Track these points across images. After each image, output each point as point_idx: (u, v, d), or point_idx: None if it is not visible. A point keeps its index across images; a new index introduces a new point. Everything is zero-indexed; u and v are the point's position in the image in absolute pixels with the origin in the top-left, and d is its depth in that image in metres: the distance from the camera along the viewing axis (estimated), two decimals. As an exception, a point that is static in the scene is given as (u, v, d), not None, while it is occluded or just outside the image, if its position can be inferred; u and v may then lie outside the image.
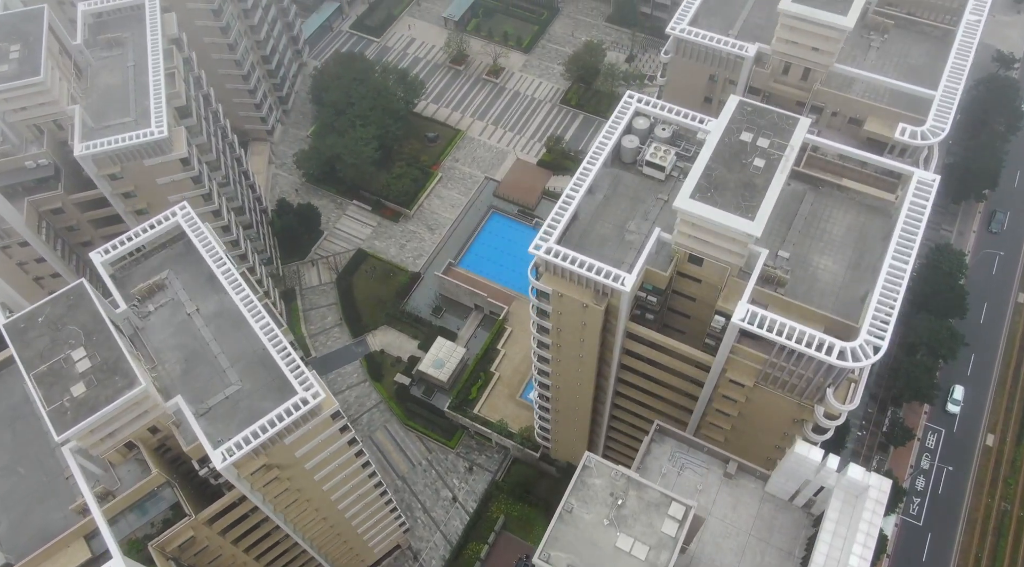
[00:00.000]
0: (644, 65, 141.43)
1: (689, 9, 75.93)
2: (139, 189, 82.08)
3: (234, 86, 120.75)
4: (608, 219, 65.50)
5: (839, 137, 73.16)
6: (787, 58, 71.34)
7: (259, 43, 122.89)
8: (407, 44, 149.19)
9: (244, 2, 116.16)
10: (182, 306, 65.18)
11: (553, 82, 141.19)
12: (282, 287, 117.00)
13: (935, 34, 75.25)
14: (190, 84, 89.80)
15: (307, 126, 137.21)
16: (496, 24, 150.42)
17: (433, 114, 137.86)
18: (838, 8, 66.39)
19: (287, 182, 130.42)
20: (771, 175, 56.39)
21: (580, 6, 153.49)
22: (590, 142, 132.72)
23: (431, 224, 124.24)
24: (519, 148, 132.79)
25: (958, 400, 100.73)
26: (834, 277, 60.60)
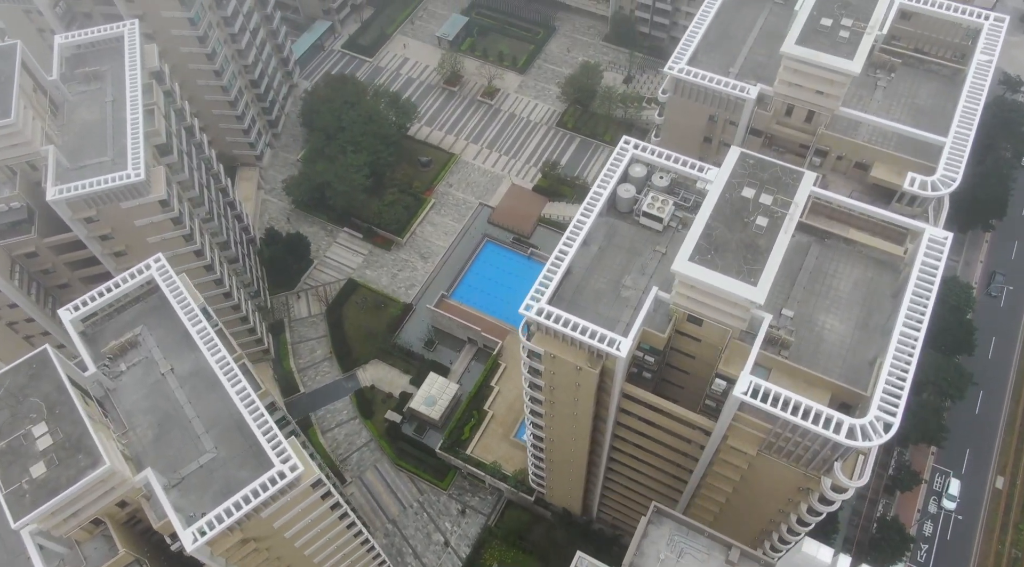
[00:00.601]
0: (642, 86, 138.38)
1: (688, 47, 72.79)
2: (116, 232, 78.96)
3: (221, 112, 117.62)
4: (603, 273, 62.38)
5: (845, 182, 70.13)
6: (790, 100, 68.26)
7: (247, 67, 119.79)
8: (400, 64, 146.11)
9: (231, 27, 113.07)
10: (156, 365, 62.05)
11: (549, 104, 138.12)
12: (270, 319, 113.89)
13: (944, 73, 72.15)
14: (171, 119, 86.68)
15: (297, 149, 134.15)
16: (491, 43, 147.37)
17: (426, 137, 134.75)
18: (844, 52, 63.31)
19: (276, 208, 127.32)
20: (774, 236, 53.27)
21: (577, 25, 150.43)
22: (586, 167, 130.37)
23: (424, 252, 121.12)
24: (514, 172, 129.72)
25: (954, 495, 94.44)
26: (841, 338, 57.49)
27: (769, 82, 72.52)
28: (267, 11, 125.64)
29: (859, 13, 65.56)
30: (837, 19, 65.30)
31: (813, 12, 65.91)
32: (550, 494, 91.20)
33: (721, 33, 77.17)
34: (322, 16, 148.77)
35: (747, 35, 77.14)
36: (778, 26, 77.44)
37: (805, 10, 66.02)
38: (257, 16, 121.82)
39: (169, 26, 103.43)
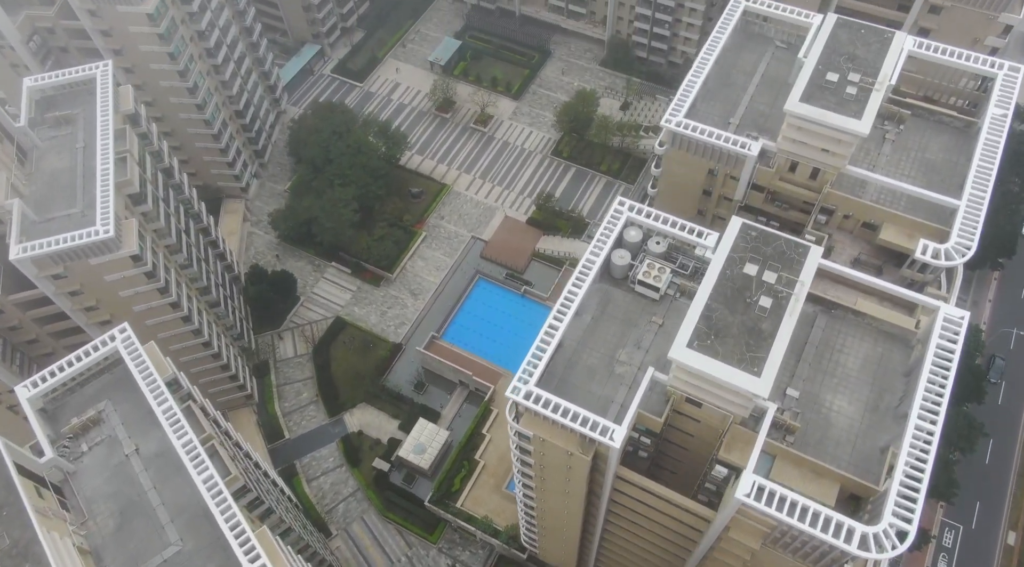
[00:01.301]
0: (639, 113, 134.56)
1: (686, 97, 69.02)
2: (86, 287, 75.20)
3: (204, 145, 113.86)
4: (596, 346, 58.67)
5: (852, 242, 66.42)
6: (794, 157, 64.56)
7: (231, 98, 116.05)
8: (391, 89, 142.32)
9: (214, 58, 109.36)
10: (120, 445, 58.25)
11: (544, 131, 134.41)
12: (255, 360, 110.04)
13: (956, 125, 68.46)
14: (146, 164, 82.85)
15: (285, 179, 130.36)
16: (485, 68, 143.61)
17: (418, 166, 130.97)
18: (851, 110, 59.62)
19: (263, 242, 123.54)
20: (779, 320, 49.57)
21: (573, 48, 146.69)
22: (582, 198, 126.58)
23: (414, 289, 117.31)
24: (507, 204, 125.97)
25: None
26: (850, 422, 53.78)
27: (772, 134, 68.94)
28: (252, 39, 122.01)
29: (867, 67, 61.89)
30: (844, 74, 61.62)
31: (818, 66, 62.23)
32: (543, 553, 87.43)
33: (721, 80, 73.46)
34: (311, 40, 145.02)
35: (748, 82, 73.45)
36: (780, 72, 73.98)
37: (810, 64, 62.34)
38: (242, 45, 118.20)
39: (148, 60, 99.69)
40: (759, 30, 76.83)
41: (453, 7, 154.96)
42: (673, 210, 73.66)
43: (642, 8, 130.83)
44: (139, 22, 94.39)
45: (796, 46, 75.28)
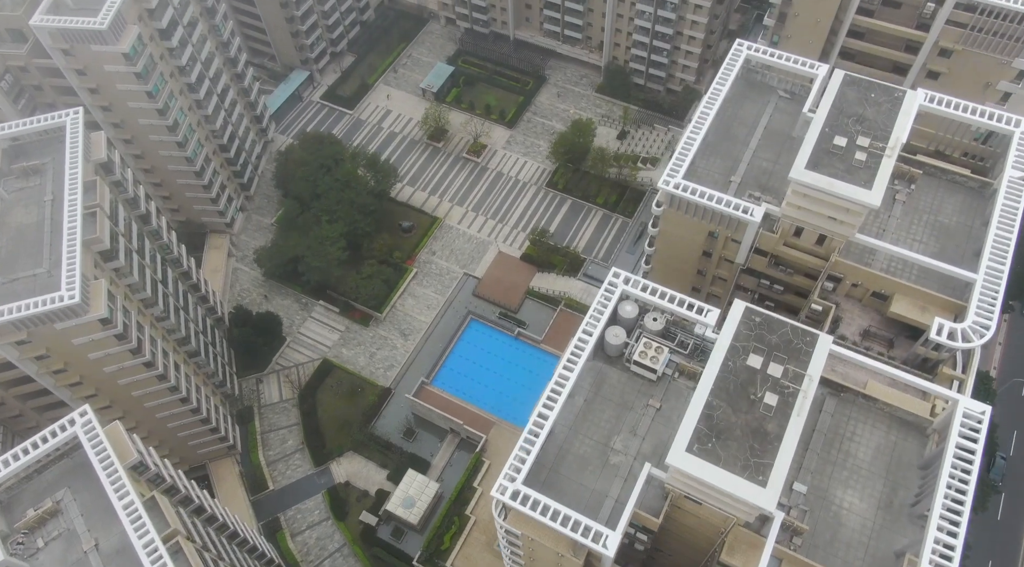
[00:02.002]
0: (637, 143, 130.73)
1: (685, 157, 65.26)
2: (53, 352, 71.31)
3: (186, 181, 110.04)
4: (589, 433, 54.90)
5: (861, 312, 62.66)
6: (800, 223, 60.87)
7: (215, 132, 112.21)
8: (382, 117, 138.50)
9: (196, 93, 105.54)
10: (78, 540, 54.43)
11: (539, 161, 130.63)
12: (238, 406, 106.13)
13: (970, 185, 64.78)
14: (118, 217, 78.94)
15: (272, 211, 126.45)
16: (478, 94, 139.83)
17: (409, 198, 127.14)
18: (861, 178, 55.90)
19: (248, 278, 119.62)
20: (786, 420, 45.83)
21: (569, 74, 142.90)
22: (577, 233, 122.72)
23: (404, 329, 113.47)
24: (501, 238, 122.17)
25: None
26: (862, 522, 50.04)
27: (776, 194, 65.32)
28: (237, 69, 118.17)
29: (876, 130, 58.18)
30: (852, 137, 57.91)
31: (825, 129, 58.52)
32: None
33: (722, 132, 69.74)
34: (300, 65, 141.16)
35: (750, 135, 69.73)
36: (784, 125, 70.29)
37: (816, 126, 58.62)
38: (226, 76, 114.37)
39: (126, 98, 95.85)
40: (761, 79, 73.15)
41: (446, 31, 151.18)
42: (671, 270, 70.27)
43: (639, 36, 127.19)
44: (115, 61, 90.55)
45: (800, 96, 71.70)
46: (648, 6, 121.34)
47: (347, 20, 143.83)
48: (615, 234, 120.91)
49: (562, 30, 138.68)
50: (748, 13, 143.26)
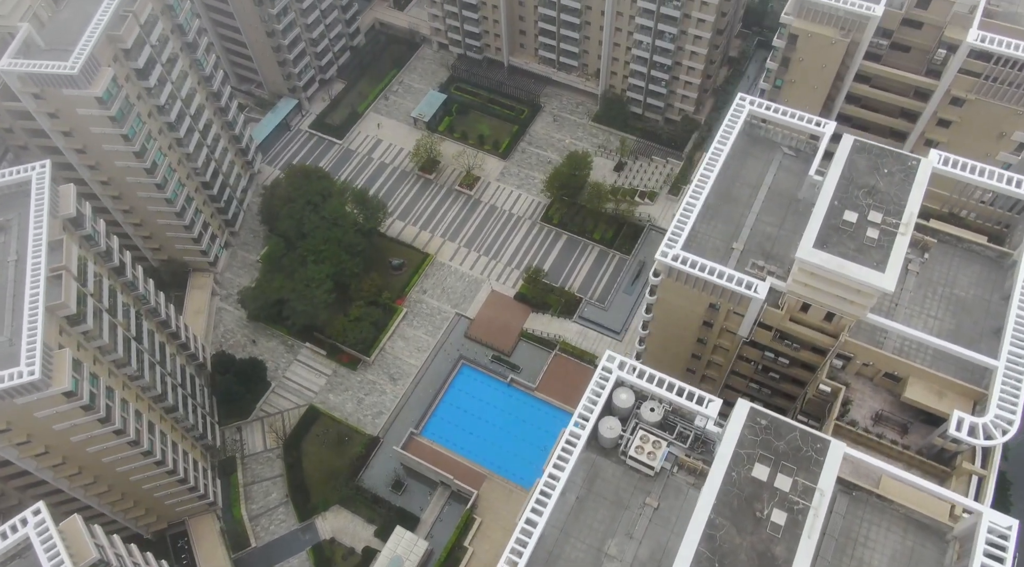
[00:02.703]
0: (634, 175, 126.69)
1: (684, 225, 61.30)
2: (14, 424, 67.33)
3: (167, 222, 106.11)
4: (581, 535, 50.93)
5: (872, 393, 58.78)
6: (807, 300, 57.00)
7: (197, 170, 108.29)
8: (372, 146, 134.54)
9: (176, 132, 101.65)
10: (31, 653, 50.54)
11: (533, 195, 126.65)
12: (221, 456, 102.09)
13: (987, 254, 60.96)
14: (87, 276, 74.90)
15: (258, 247, 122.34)
16: (471, 124, 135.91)
17: (399, 233, 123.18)
18: (873, 259, 52.06)
19: (233, 319, 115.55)
20: (795, 542, 41.97)
21: (564, 102, 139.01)
22: (573, 270, 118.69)
23: (393, 373, 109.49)
24: (494, 276, 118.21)
25: None
26: (878, 643, 46.21)
27: (780, 262, 61.50)
28: (220, 103, 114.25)
29: (889, 204, 54.36)
30: (863, 212, 54.09)
31: (834, 201, 54.70)
32: None
33: (724, 193, 65.85)
34: (288, 94, 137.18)
35: (753, 197, 65.87)
36: (789, 185, 66.42)
37: (824, 199, 54.77)
38: (208, 112, 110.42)
39: (101, 141, 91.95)
40: (764, 134, 69.29)
41: (438, 56, 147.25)
42: (671, 337, 66.53)
43: (637, 65, 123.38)
44: (88, 105, 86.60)
45: (806, 153, 67.92)
46: (646, 36, 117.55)
47: (336, 46, 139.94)
48: (612, 272, 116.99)
49: (557, 57, 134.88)
50: (749, 39, 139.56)
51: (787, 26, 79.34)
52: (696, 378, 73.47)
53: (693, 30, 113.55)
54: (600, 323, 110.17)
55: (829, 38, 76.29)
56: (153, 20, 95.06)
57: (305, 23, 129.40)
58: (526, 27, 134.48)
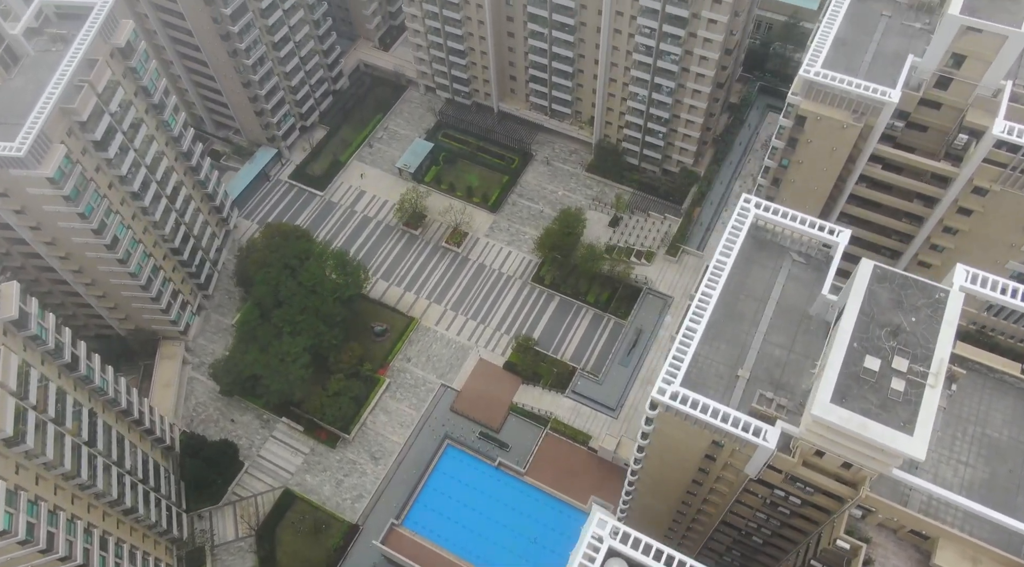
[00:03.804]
0: (630, 231, 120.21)
1: (683, 356, 54.70)
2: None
3: (132, 294, 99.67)
4: None
5: (897, 549, 52.44)
6: (822, 449, 50.63)
7: (165, 237, 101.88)
8: (355, 198, 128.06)
9: (141, 200, 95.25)
10: None
11: (524, 252, 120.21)
12: (189, 547, 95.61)
13: (1022, 386, 54.69)
14: (29, 384, 68.37)
15: (234, 309, 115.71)
16: (459, 174, 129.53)
17: (382, 295, 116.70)
18: (899, 418, 45.65)
19: (205, 390, 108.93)
20: None
21: (557, 149, 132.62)
22: (566, 336, 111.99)
23: (375, 451, 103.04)
24: (483, 342, 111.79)
25: None
26: None
27: (791, 392, 55.19)
28: (191, 162, 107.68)
29: (916, 347, 47.99)
30: (886, 358, 47.73)
31: (853, 344, 48.31)
32: None
33: (727, 309, 59.42)
34: (266, 143, 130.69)
35: (759, 313, 59.48)
36: (799, 298, 60.06)
37: (841, 342, 48.38)
38: (178, 174, 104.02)
39: (56, 219, 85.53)
40: (771, 237, 62.99)
41: (425, 99, 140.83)
42: (668, 466, 60.25)
43: (633, 117, 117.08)
44: (39, 185, 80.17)
45: (817, 259, 61.59)
46: (642, 88, 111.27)
47: (318, 92, 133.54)
48: (607, 338, 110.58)
49: (549, 104, 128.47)
50: (750, 84, 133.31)
51: (794, 106, 73.12)
52: (676, 537, 67.78)
53: (692, 84, 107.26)
54: (594, 399, 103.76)
55: (840, 122, 70.05)
56: (113, 86, 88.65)
57: (284, 71, 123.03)
58: (516, 73, 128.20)
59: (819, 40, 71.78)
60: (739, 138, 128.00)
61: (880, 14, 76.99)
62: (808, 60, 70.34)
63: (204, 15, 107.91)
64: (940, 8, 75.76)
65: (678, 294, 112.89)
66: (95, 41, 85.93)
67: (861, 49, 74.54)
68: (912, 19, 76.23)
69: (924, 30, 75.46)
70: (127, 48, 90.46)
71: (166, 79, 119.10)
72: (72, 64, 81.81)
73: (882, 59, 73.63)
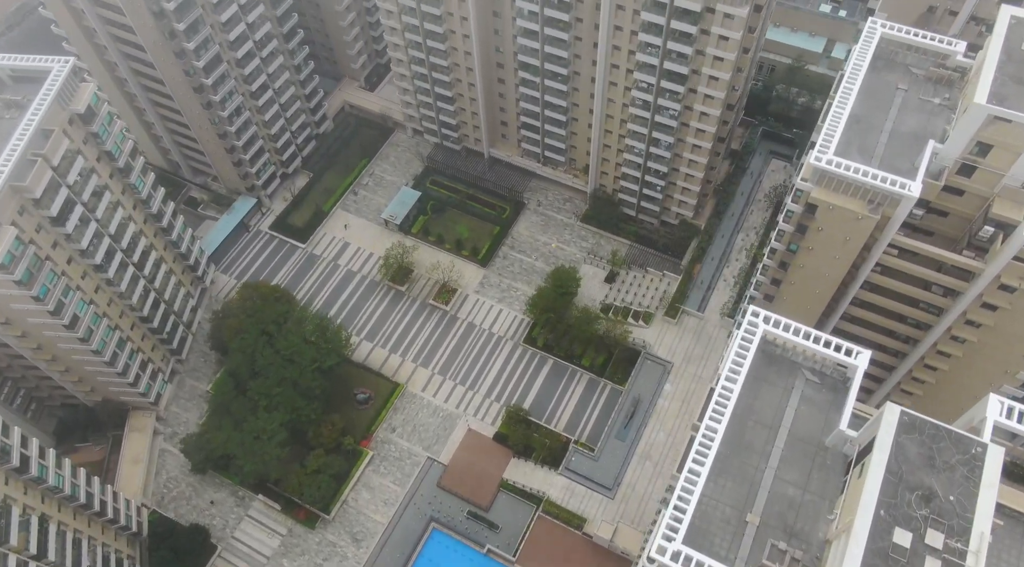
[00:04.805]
0: (627, 289, 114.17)
1: (685, 509, 48.62)
2: None
3: (96, 369, 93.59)
4: None
5: None
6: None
7: (133, 307, 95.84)
8: (339, 251, 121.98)
9: (104, 272, 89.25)
10: None
11: (515, 310, 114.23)
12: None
13: (1066, 537, 48.85)
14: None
15: (210, 373, 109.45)
16: (448, 224, 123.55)
17: (366, 358, 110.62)
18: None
19: (177, 464, 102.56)
20: None
21: (551, 197, 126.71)
22: (560, 403, 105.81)
23: (357, 532, 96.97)
24: (472, 409, 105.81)
25: None
26: None
27: (806, 541, 49.29)
28: (162, 223, 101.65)
29: (952, 518, 42.09)
30: (919, 531, 41.86)
31: (879, 512, 42.38)
32: None
33: (735, 439, 53.46)
34: (245, 192, 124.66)
35: (769, 443, 53.58)
36: (813, 426, 54.25)
37: (867, 510, 42.43)
38: (147, 238, 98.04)
39: (8, 301, 79.51)
40: (781, 352, 57.16)
41: (412, 143, 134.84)
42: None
43: (629, 169, 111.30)
44: (-13, 270, 74.26)
45: (833, 379, 55.78)
46: (639, 142, 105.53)
47: (300, 137, 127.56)
48: (603, 406, 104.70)
49: (542, 151, 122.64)
50: (752, 129, 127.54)
51: (803, 192, 67.32)
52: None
53: (692, 139, 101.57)
54: (590, 477, 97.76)
55: (855, 213, 64.24)
56: (72, 156, 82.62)
57: (263, 119, 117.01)
58: (507, 118, 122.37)
59: (831, 121, 65.88)
60: (741, 187, 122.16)
61: (896, 87, 71.22)
62: (820, 145, 64.41)
63: (175, 67, 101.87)
64: (961, 83, 70.21)
65: (678, 359, 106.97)
66: (51, 109, 79.87)
67: (876, 128, 68.73)
68: (930, 94, 70.45)
69: (944, 106, 69.71)
70: (88, 113, 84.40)
71: (139, 126, 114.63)
72: (24, 138, 75.73)
73: (899, 140, 67.85)
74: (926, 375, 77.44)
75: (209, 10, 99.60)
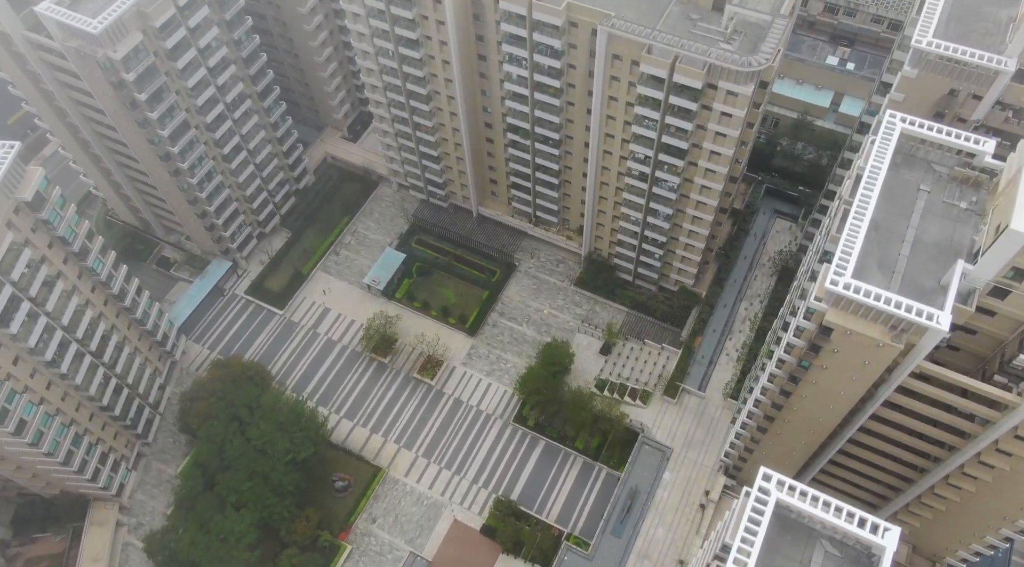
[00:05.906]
0: (623, 362, 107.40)
1: None
2: None
3: (49, 468, 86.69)
4: None
5: None
6: None
7: (91, 398, 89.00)
8: (318, 318, 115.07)
9: (57, 367, 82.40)
10: None
11: (505, 384, 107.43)
12: None
13: None
14: None
15: (179, 455, 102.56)
16: (434, 288, 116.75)
17: (345, 439, 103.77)
18: None
19: (140, 561, 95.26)
20: None
21: (543, 259, 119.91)
22: (552, 490, 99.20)
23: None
24: (458, 497, 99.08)
25: None
26: None
27: None
28: (125, 303, 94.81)
29: None
30: None
31: None
32: None
33: None
34: (219, 255, 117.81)
35: None
36: None
37: None
38: (107, 322, 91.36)
39: (-54, 412, 72.86)
40: (796, 518, 50.51)
41: (397, 198, 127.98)
42: None
43: (625, 236, 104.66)
44: (-83, 386, 67.37)
45: (854, 551, 49.10)
46: (636, 212, 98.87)
47: (278, 195, 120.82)
48: (598, 493, 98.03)
49: (534, 211, 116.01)
50: (755, 186, 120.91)
51: (815, 311, 60.70)
52: None
53: (692, 211, 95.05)
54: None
55: (875, 340, 57.63)
56: (17, 249, 75.84)
57: (236, 181, 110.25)
58: (497, 176, 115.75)
59: (849, 234, 59.07)
60: (744, 251, 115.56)
61: (918, 188, 64.57)
62: (836, 264, 57.68)
63: (140, 137, 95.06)
64: (989, 184, 63.61)
65: (678, 444, 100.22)
66: (-6, 200, 73.24)
67: (897, 237, 62.06)
68: (956, 196, 63.83)
69: (971, 211, 63.11)
70: (36, 200, 77.65)
71: (106, 186, 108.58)
72: (-41, 239, 69.05)
73: (923, 251, 61.19)
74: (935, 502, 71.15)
75: (175, 76, 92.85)
